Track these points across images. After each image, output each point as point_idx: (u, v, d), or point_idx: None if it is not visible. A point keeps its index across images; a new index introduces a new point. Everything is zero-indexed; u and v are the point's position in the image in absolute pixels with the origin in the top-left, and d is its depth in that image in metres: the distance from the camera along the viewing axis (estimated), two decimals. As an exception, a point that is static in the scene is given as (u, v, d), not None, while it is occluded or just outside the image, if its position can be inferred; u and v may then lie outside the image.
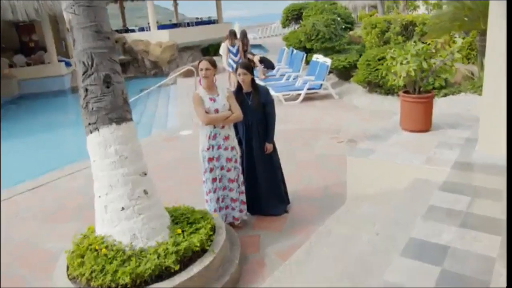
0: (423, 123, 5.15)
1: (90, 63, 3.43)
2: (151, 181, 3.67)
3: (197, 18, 26.25)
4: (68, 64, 17.62)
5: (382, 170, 4.39)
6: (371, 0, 28.61)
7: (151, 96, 14.77)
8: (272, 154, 4.63)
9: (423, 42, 5.32)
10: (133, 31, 24.01)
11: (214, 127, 4.13)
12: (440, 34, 8.06)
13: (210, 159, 4.19)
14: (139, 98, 14.13)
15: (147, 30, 21.97)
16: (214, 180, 4.26)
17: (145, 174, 3.64)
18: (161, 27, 22.42)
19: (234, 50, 12.24)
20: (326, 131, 7.64)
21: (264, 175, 4.61)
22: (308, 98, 10.30)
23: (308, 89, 10.12)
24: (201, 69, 4.05)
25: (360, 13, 28.95)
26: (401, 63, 4.94)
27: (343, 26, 11.85)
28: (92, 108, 3.45)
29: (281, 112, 9.44)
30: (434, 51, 4.97)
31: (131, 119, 3.59)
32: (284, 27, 16.50)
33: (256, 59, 12.42)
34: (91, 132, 3.48)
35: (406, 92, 5.23)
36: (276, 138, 4.71)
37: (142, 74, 20.39)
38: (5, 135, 12.37)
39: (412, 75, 4.84)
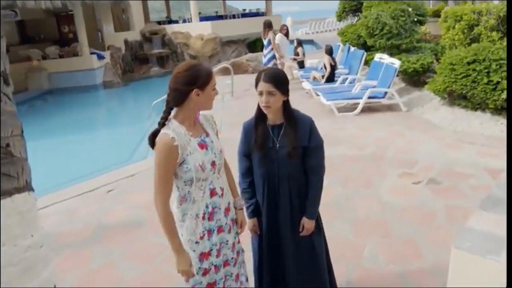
0: None
1: None
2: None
3: (244, 10, 24.36)
4: (100, 57, 16.30)
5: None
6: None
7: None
8: (314, 236, 2.61)
9: None
10: (176, 22, 22.54)
11: (211, 195, 2.19)
12: None
13: (205, 255, 2.22)
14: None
15: (189, 22, 20.38)
16: (212, 285, 2.31)
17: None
18: (203, 18, 20.76)
19: (265, 43, 10.25)
20: (394, 161, 5.50)
21: (295, 267, 2.60)
22: (368, 108, 8.14)
23: (369, 97, 7.95)
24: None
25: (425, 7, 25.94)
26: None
27: (415, 19, 9.52)
28: None
29: (333, 127, 7.17)
30: None
31: (20, 190, 1.72)
32: (339, 20, 14.26)
33: (318, 76, 10.09)
34: None
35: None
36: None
37: (181, 69, 18.82)
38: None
39: None
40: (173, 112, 2.13)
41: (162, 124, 2.10)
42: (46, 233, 4.26)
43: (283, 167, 2.45)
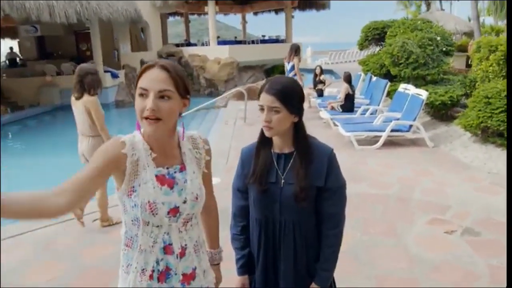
0: None
1: None
2: None
3: (263, 36, 24.07)
4: (114, 76, 16.00)
5: None
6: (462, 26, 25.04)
7: (194, 120, 12.54)
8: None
9: None
10: (195, 45, 22.33)
11: (165, 251, 1.51)
12: None
13: None
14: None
15: (207, 45, 20.13)
16: None
17: None
18: (222, 42, 20.48)
19: (288, 67, 9.62)
20: (422, 205, 4.77)
21: None
22: (390, 142, 7.45)
23: (392, 130, 7.27)
24: (142, 91, 1.41)
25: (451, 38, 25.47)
26: None
27: (443, 49, 8.89)
28: None
29: (352, 161, 6.40)
30: None
31: None
32: (361, 49, 13.73)
33: (335, 105, 9.44)
34: None
35: None
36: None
37: (195, 93, 18.41)
38: (17, 152, 10.75)
39: None
40: None
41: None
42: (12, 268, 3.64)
43: (288, 211, 1.79)
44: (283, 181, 1.78)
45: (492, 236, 3.98)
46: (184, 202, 1.50)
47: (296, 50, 9.54)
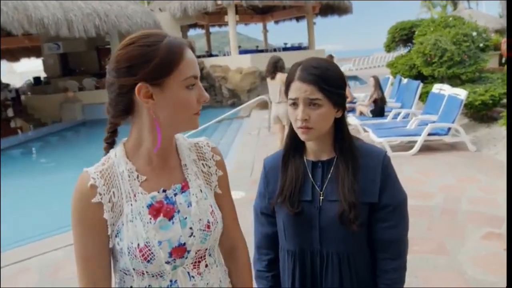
0: None
1: None
2: None
3: (285, 43, 23.68)
4: (135, 89, 15.86)
5: None
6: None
7: (217, 131, 12.20)
8: None
9: None
10: (216, 56, 22.12)
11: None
12: None
13: None
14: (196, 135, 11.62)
15: (229, 55, 19.87)
16: None
17: None
18: (243, 51, 20.18)
19: None
20: (472, 216, 4.20)
21: None
22: (426, 147, 6.86)
23: (428, 134, 6.69)
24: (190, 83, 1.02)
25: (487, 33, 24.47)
26: None
27: (480, 45, 8.26)
28: None
29: None
30: None
31: None
32: (388, 51, 13.15)
33: (365, 110, 8.94)
34: None
35: None
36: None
37: (218, 104, 18.12)
38: (41, 168, 10.57)
39: None
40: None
41: (105, 149, 1.11)
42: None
43: (331, 240, 1.32)
44: (321, 198, 1.32)
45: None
46: (191, 233, 1.05)
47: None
